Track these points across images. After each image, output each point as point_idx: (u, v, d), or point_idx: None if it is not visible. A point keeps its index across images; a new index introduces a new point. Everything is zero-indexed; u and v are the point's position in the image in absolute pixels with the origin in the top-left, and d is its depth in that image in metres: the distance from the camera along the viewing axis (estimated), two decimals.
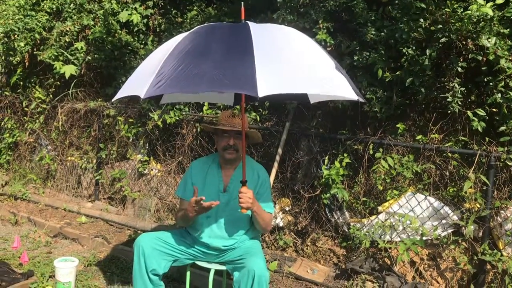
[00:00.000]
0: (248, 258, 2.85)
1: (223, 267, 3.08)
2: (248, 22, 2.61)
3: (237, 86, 2.20)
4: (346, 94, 2.35)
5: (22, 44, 6.03)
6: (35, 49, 6.14)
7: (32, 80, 6.51)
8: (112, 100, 2.83)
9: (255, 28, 2.52)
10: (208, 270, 3.05)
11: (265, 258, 3.30)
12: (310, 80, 2.31)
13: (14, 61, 6.23)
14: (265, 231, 3.18)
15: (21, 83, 6.58)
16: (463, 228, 3.69)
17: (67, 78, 5.85)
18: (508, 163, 3.53)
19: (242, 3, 2.74)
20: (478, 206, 3.62)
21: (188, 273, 3.17)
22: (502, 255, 3.50)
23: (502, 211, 3.63)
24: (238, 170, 3.04)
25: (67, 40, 5.97)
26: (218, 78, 2.17)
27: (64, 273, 3.43)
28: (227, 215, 3.02)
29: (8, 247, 4.36)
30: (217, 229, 3.04)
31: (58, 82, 6.21)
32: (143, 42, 6.02)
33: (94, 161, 5.83)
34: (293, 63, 2.34)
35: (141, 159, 5.44)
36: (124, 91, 2.54)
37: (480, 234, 3.66)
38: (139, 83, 2.45)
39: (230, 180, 3.06)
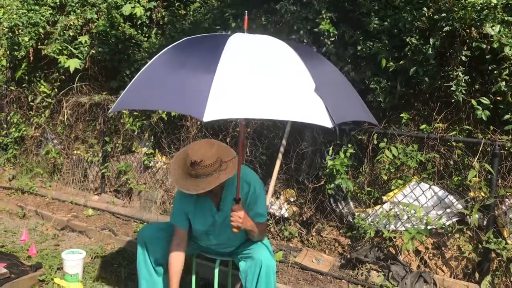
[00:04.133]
0: (255, 249, 2.86)
1: (228, 258, 3.10)
2: (235, 34, 2.46)
3: (185, 106, 2.09)
4: (316, 120, 2.10)
5: (26, 38, 6.06)
6: (39, 44, 6.17)
7: (37, 74, 6.56)
8: (109, 114, 2.78)
9: (232, 42, 2.36)
10: (214, 260, 3.08)
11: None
12: (273, 104, 2.09)
13: (19, 56, 6.27)
14: (261, 240, 3.03)
15: (26, 77, 6.62)
16: (468, 216, 3.69)
17: (71, 72, 5.88)
18: None
19: (246, 11, 2.70)
20: (483, 194, 3.62)
21: (194, 264, 3.20)
22: (506, 243, 3.51)
23: (506, 200, 3.63)
24: (228, 187, 2.86)
25: (71, 34, 5.99)
26: (172, 96, 2.12)
27: (71, 265, 3.47)
28: (227, 232, 2.89)
29: (17, 240, 4.41)
30: (219, 244, 3.03)
31: (63, 76, 6.24)
32: (146, 35, 6.03)
33: (100, 154, 5.86)
34: (258, 86, 2.13)
35: (146, 152, 5.47)
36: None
37: (485, 222, 3.66)
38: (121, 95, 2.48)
39: (221, 198, 2.90)
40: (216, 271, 3.02)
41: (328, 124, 2.10)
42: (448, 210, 3.78)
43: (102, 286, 3.60)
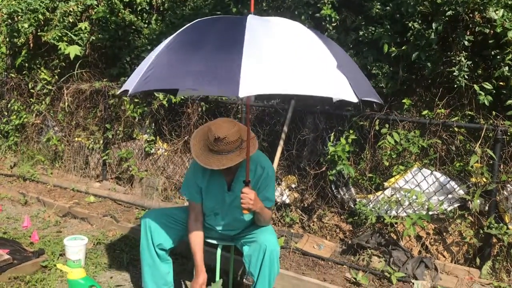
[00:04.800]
0: (260, 233, 2.86)
1: (231, 243, 3.11)
2: (250, 15, 2.47)
3: (219, 84, 2.11)
4: (343, 95, 2.19)
5: (26, 25, 6.03)
6: (39, 30, 6.14)
7: (37, 61, 6.53)
8: (117, 93, 2.75)
9: (252, 22, 2.38)
10: (216, 246, 3.08)
11: None
12: (302, 80, 2.17)
13: (18, 43, 6.24)
14: (265, 225, 3.07)
15: (26, 64, 6.60)
16: (469, 202, 3.70)
17: (71, 58, 5.86)
18: None
19: None
20: (485, 180, 3.61)
21: None
22: (508, 228, 3.51)
23: (508, 185, 3.63)
24: (242, 168, 2.88)
25: (71, 20, 5.96)
26: (202, 75, 2.12)
27: (74, 251, 3.49)
28: (234, 213, 2.95)
29: (19, 226, 4.43)
30: (225, 225, 3.03)
31: (63, 63, 6.22)
32: (146, 21, 5.99)
33: (101, 141, 5.86)
34: (286, 62, 2.19)
35: (148, 139, 5.46)
36: (124, 86, 2.54)
37: (486, 208, 3.66)
38: (132, 77, 2.47)
39: (234, 178, 2.93)
40: (218, 256, 3.02)
41: (354, 99, 2.18)
42: (449, 196, 3.78)
43: (105, 272, 3.62)
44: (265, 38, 2.29)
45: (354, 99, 2.18)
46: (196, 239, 2.92)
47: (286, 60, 2.20)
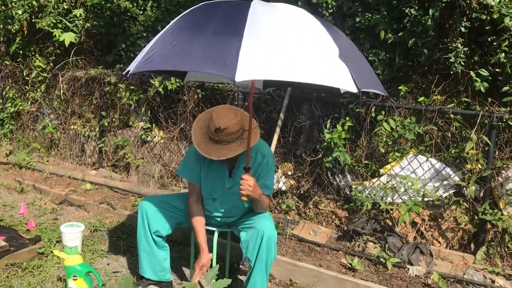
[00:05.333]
0: (257, 219, 2.87)
1: (228, 229, 3.12)
2: (254, 0, 2.47)
3: (216, 67, 2.10)
4: (343, 85, 2.19)
5: (20, 11, 5.97)
6: (33, 17, 6.08)
7: (32, 48, 6.48)
8: (122, 74, 2.75)
9: (256, 7, 2.37)
10: (212, 232, 3.09)
11: None
12: (300, 67, 2.16)
13: (12, 30, 6.18)
14: (262, 212, 3.08)
15: (21, 52, 6.54)
16: (465, 188, 3.72)
17: (66, 46, 5.81)
18: (510, 123, 3.52)
19: None
20: (480, 166, 3.63)
21: (192, 236, 3.22)
22: (502, 214, 3.54)
23: (503, 171, 3.65)
24: (243, 155, 2.83)
25: (65, 7, 5.91)
26: (202, 58, 2.13)
27: (70, 238, 3.49)
28: (233, 199, 2.95)
29: (15, 214, 4.43)
30: (222, 210, 3.04)
31: (58, 50, 6.17)
32: (142, 8, 5.94)
33: (97, 129, 5.85)
34: (286, 49, 2.18)
35: (144, 127, 5.45)
36: (128, 68, 2.54)
37: (481, 194, 3.69)
38: (136, 59, 2.47)
39: (235, 165, 2.93)
40: (215, 242, 3.03)
41: (354, 89, 2.17)
42: (445, 182, 3.80)
43: (101, 258, 3.63)
44: (267, 24, 2.28)
45: (354, 89, 2.17)
46: (198, 219, 2.94)
47: (286, 46, 2.19)
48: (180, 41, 2.29)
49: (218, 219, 3.08)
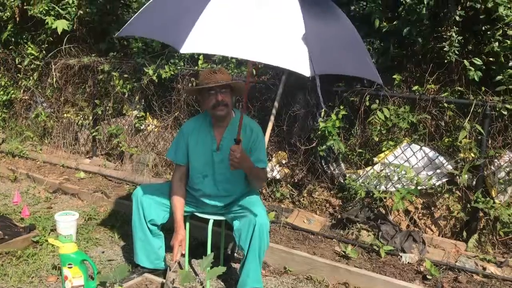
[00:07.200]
0: (249, 207, 2.88)
1: (222, 218, 3.13)
2: None
3: (168, 36, 2.22)
4: (295, 67, 2.11)
5: None
6: (25, 4, 6.00)
7: (24, 36, 6.40)
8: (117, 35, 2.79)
9: None
10: (207, 221, 3.10)
11: None
12: (253, 45, 2.11)
13: (4, 17, 6.12)
14: (259, 187, 3.11)
15: (13, 39, 6.47)
16: (458, 177, 3.74)
17: (59, 33, 5.74)
18: (503, 112, 3.55)
19: None
20: (473, 155, 3.66)
21: (187, 225, 3.23)
22: (494, 202, 3.57)
23: (495, 160, 3.67)
24: (230, 127, 2.96)
25: None
26: (166, 27, 2.25)
27: (65, 226, 3.48)
28: (224, 173, 2.99)
29: (9, 202, 4.42)
30: (214, 188, 3.05)
31: (51, 38, 6.09)
32: None
33: (90, 117, 5.82)
34: (242, 24, 2.15)
35: (137, 115, 5.43)
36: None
37: (474, 182, 3.71)
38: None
39: (222, 138, 2.98)
40: (210, 231, 3.05)
41: (307, 72, 2.11)
42: (438, 171, 3.83)
43: (96, 247, 3.64)
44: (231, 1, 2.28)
45: (307, 73, 2.11)
46: (178, 196, 3.00)
47: (245, 22, 2.17)
48: (156, 10, 2.43)
49: (212, 201, 3.07)
